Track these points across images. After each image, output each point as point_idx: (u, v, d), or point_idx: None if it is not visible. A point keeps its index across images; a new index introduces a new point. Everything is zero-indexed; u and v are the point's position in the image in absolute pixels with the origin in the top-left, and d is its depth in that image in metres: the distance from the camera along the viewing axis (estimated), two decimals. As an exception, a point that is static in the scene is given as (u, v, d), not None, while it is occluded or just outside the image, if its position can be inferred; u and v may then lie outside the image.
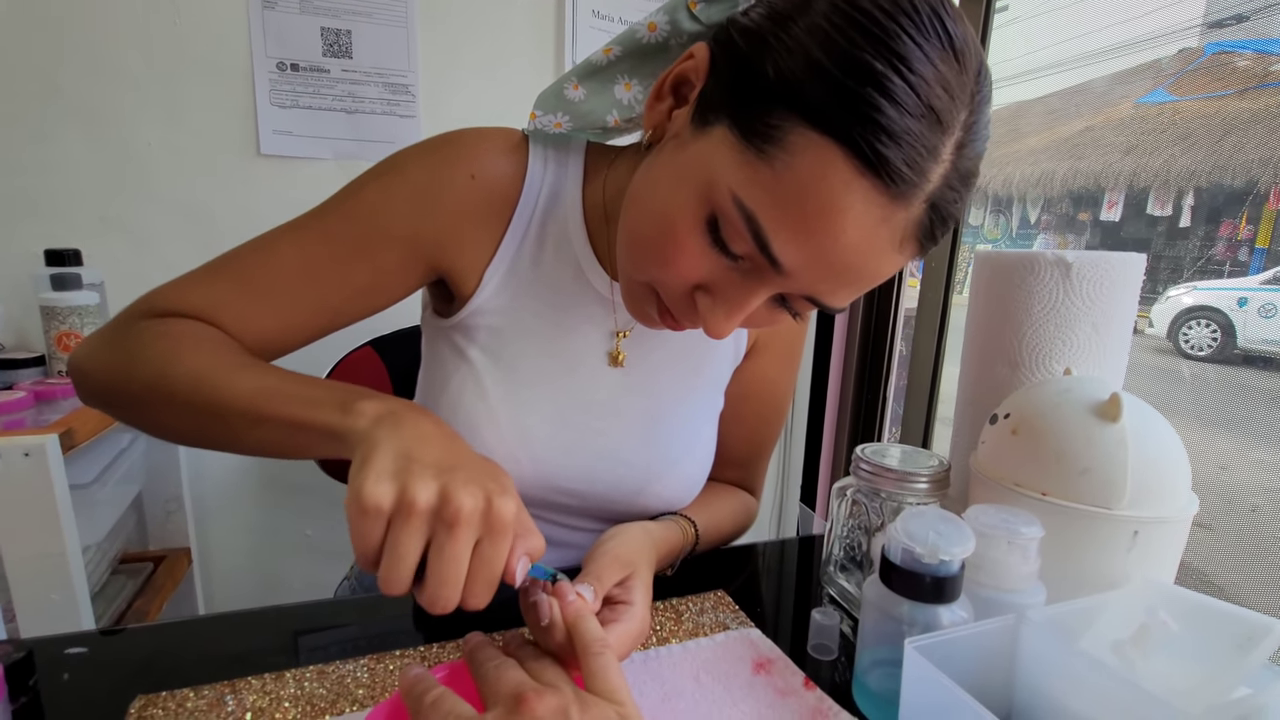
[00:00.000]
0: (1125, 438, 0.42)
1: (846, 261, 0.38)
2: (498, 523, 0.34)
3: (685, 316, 0.45)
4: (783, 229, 0.37)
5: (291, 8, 1.07)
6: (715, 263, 0.41)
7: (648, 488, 0.60)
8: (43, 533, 0.73)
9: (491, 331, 0.57)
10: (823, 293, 0.41)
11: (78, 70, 1.02)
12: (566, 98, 0.53)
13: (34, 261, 0.93)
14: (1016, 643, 0.39)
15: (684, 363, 0.62)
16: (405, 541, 0.32)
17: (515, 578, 0.35)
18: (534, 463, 0.57)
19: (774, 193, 0.36)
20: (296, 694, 0.43)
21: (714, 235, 0.40)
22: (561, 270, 0.57)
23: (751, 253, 0.39)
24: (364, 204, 0.53)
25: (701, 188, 0.39)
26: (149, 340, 0.47)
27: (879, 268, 0.39)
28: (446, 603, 0.33)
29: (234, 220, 1.13)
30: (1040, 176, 2.45)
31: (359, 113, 1.14)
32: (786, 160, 0.36)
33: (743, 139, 0.37)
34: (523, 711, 0.29)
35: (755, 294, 0.41)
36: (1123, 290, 0.52)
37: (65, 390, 0.85)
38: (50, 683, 0.44)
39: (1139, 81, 1.77)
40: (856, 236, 0.36)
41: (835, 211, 0.36)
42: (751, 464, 0.73)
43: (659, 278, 0.44)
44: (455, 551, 0.33)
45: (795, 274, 0.39)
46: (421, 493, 0.32)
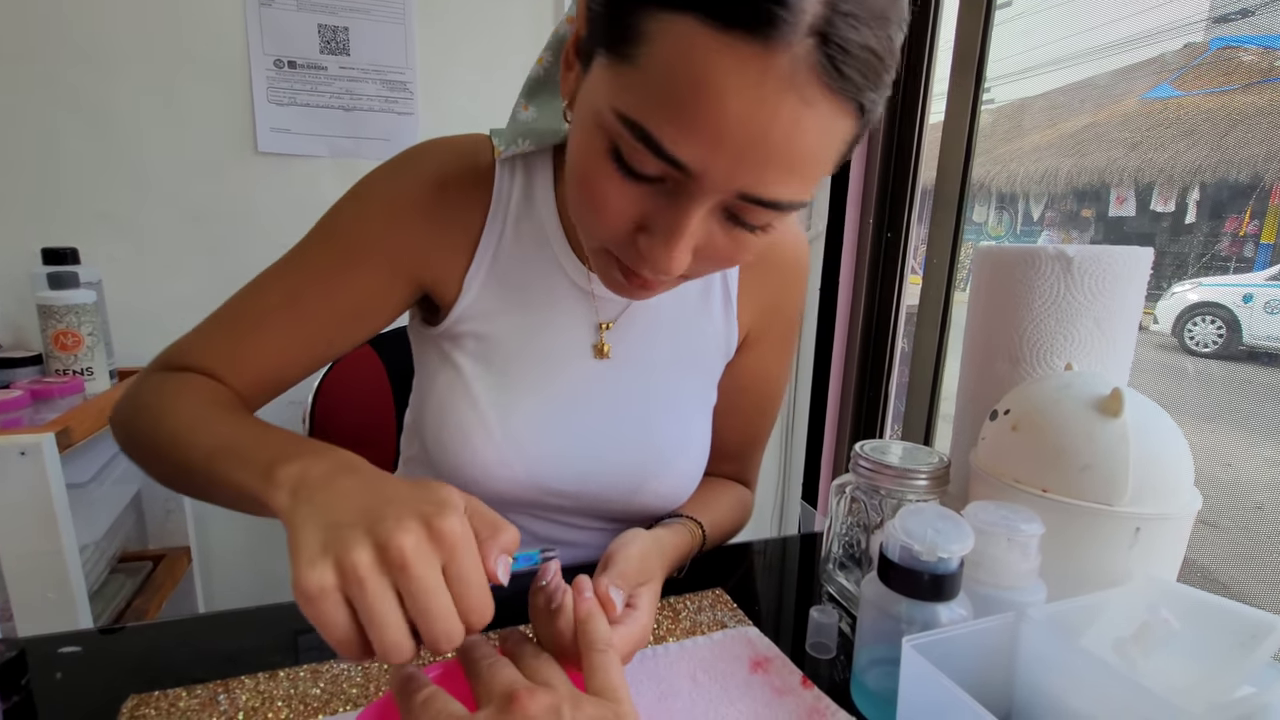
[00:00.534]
0: (1127, 433, 0.41)
1: (747, 136, 0.34)
2: (447, 541, 0.31)
3: (640, 264, 0.42)
4: (668, 125, 0.35)
5: (289, 5, 1.07)
6: (635, 193, 0.39)
7: (644, 485, 0.60)
8: (39, 531, 0.73)
9: (477, 337, 0.57)
10: (752, 185, 0.36)
11: (76, 68, 1.01)
12: (520, 120, 0.54)
13: (31, 260, 0.93)
14: (1016, 641, 0.39)
15: (671, 354, 0.61)
16: (374, 606, 0.29)
17: (498, 578, 0.33)
18: (527, 465, 0.57)
19: (647, 91, 0.35)
20: (290, 693, 0.43)
21: (620, 164, 0.38)
22: (540, 268, 0.57)
23: (659, 168, 0.37)
24: (339, 228, 0.54)
25: (595, 122, 0.38)
26: (148, 398, 0.50)
27: (790, 132, 0.34)
28: (450, 636, 0.31)
29: (232, 218, 1.12)
30: (1044, 173, 2.44)
31: (357, 110, 1.13)
32: (649, 53, 0.34)
33: (611, 55, 0.36)
34: (514, 710, 0.29)
35: (686, 213, 0.38)
36: (1127, 285, 0.51)
37: (62, 389, 0.85)
38: (43, 682, 0.44)
39: (1143, 77, 1.76)
40: (740, 103, 0.33)
41: (707, 84, 0.33)
42: (746, 457, 0.73)
43: (600, 234, 0.43)
44: (424, 589, 0.30)
45: (708, 171, 0.36)
46: (359, 555, 0.30)
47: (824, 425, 1.44)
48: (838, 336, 1.39)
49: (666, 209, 0.39)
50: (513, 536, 0.35)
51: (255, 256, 1.18)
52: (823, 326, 1.42)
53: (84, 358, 0.89)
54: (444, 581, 0.31)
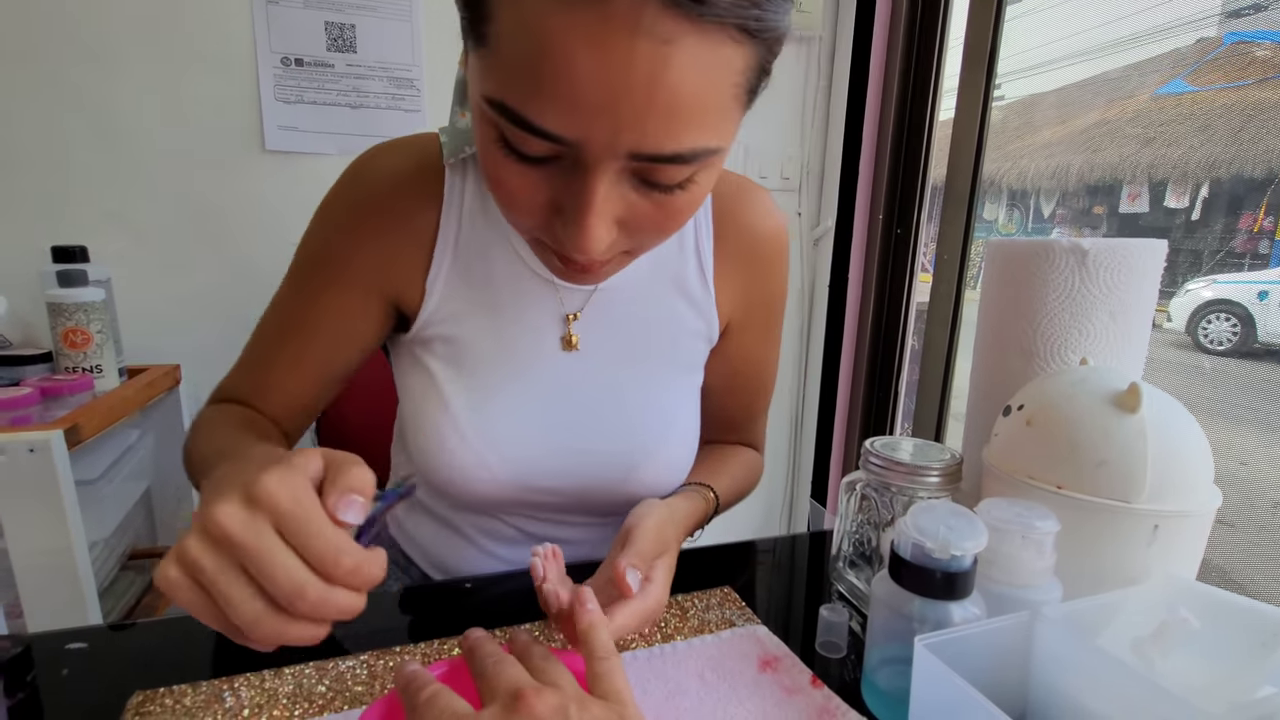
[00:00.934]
0: (1145, 429, 0.40)
1: (608, 93, 0.32)
2: (265, 502, 0.29)
3: (566, 249, 0.41)
4: (529, 99, 0.33)
5: (295, 3, 1.07)
6: (536, 177, 0.38)
7: (630, 475, 0.59)
8: (49, 529, 0.73)
9: (444, 340, 0.57)
10: (638, 142, 0.34)
11: (83, 67, 1.02)
12: (460, 128, 0.54)
13: (41, 258, 0.94)
14: (1031, 640, 0.38)
15: (644, 342, 0.60)
16: (217, 585, 0.28)
17: (339, 518, 0.30)
18: (506, 465, 0.56)
19: (503, 69, 0.34)
20: (295, 691, 0.43)
21: (509, 150, 0.37)
22: (501, 264, 0.56)
23: (543, 146, 0.35)
24: (309, 254, 0.57)
25: (479, 113, 0.38)
26: (192, 431, 0.56)
27: (653, 76, 0.32)
28: (300, 591, 0.28)
29: (240, 216, 1.13)
30: (1055, 169, 2.41)
31: (364, 107, 1.13)
32: (496, 31, 0.33)
33: (473, 40, 0.36)
34: (520, 709, 0.29)
35: (588, 187, 0.36)
36: (1142, 278, 0.50)
37: (71, 386, 0.85)
38: (49, 678, 0.44)
39: (1156, 72, 1.75)
40: (589, 60, 0.31)
41: (550, 49, 0.31)
42: (750, 426, 0.74)
43: (520, 224, 0.42)
44: (255, 555, 0.28)
45: (586, 139, 0.34)
46: (190, 542, 0.29)
47: (833, 423, 1.43)
48: (847, 334, 1.38)
49: (570, 187, 0.37)
50: (358, 476, 0.31)
51: (263, 254, 1.19)
52: (832, 324, 1.41)
53: (93, 355, 0.89)
54: (277, 541, 0.29)
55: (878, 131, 1.32)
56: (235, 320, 1.15)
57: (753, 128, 1.38)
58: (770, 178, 1.41)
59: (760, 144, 1.39)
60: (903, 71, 1.27)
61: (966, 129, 1.18)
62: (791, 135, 1.42)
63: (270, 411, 0.58)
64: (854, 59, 1.31)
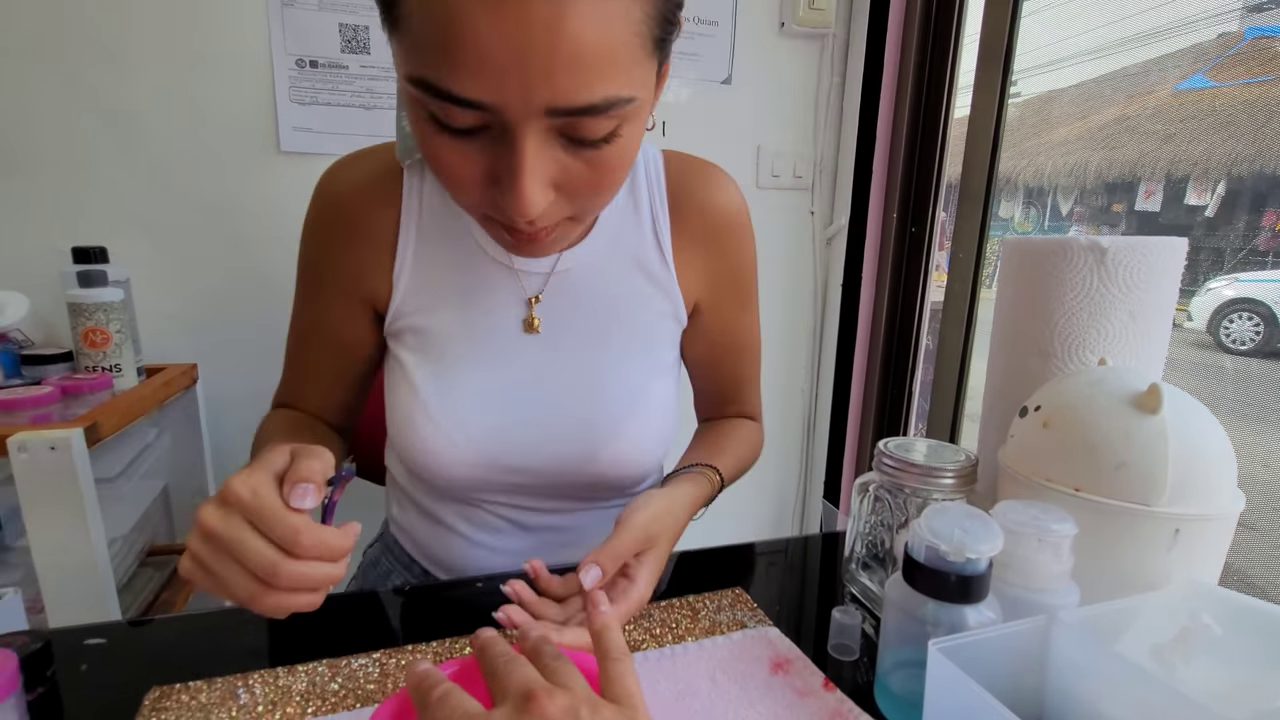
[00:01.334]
0: (1165, 430, 0.40)
1: (514, 51, 0.34)
2: (231, 499, 0.35)
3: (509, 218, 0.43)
4: (443, 69, 0.35)
5: (310, 5, 1.08)
6: (469, 150, 0.40)
7: (595, 454, 0.59)
8: (69, 525, 0.74)
9: (414, 331, 0.59)
10: (553, 97, 0.36)
11: (103, 70, 1.03)
12: (407, 131, 0.55)
13: (62, 259, 0.95)
14: (1048, 645, 0.37)
15: (606, 322, 0.61)
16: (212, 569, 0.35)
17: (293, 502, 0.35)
18: (473, 446, 0.57)
19: (416, 46, 0.36)
20: (308, 688, 0.43)
21: (439, 126, 0.39)
22: (461, 253, 0.58)
23: (466, 116, 0.37)
24: (301, 270, 0.62)
25: (406, 97, 0.40)
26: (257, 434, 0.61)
27: (552, 31, 0.34)
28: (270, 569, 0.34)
29: (255, 217, 1.14)
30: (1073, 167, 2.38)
31: (377, 108, 1.14)
32: (405, 12, 0.36)
33: (390, 28, 0.38)
34: (531, 710, 0.29)
35: (517, 150, 0.38)
36: (1162, 277, 0.50)
37: (91, 385, 0.86)
38: (68, 673, 0.44)
39: (1176, 68, 1.72)
40: (488, 24, 0.33)
41: (452, 20, 0.34)
42: (743, 397, 0.74)
43: (464, 200, 0.44)
44: (230, 543, 0.34)
45: (502, 99, 0.36)
46: (191, 541, 0.35)
47: (846, 423, 1.42)
48: (860, 333, 1.37)
49: (501, 154, 0.39)
50: (307, 467, 0.36)
51: (277, 254, 1.20)
52: (845, 323, 1.40)
53: (112, 354, 0.91)
54: (247, 530, 0.34)
55: (892, 129, 1.30)
56: (250, 320, 1.17)
57: (765, 126, 1.38)
58: (783, 176, 1.40)
59: (772, 142, 1.39)
60: (917, 68, 1.25)
61: (982, 126, 1.16)
62: (804, 133, 1.41)
63: (312, 411, 0.64)
64: (868, 55, 1.30)
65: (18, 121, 1.02)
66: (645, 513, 0.50)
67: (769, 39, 1.33)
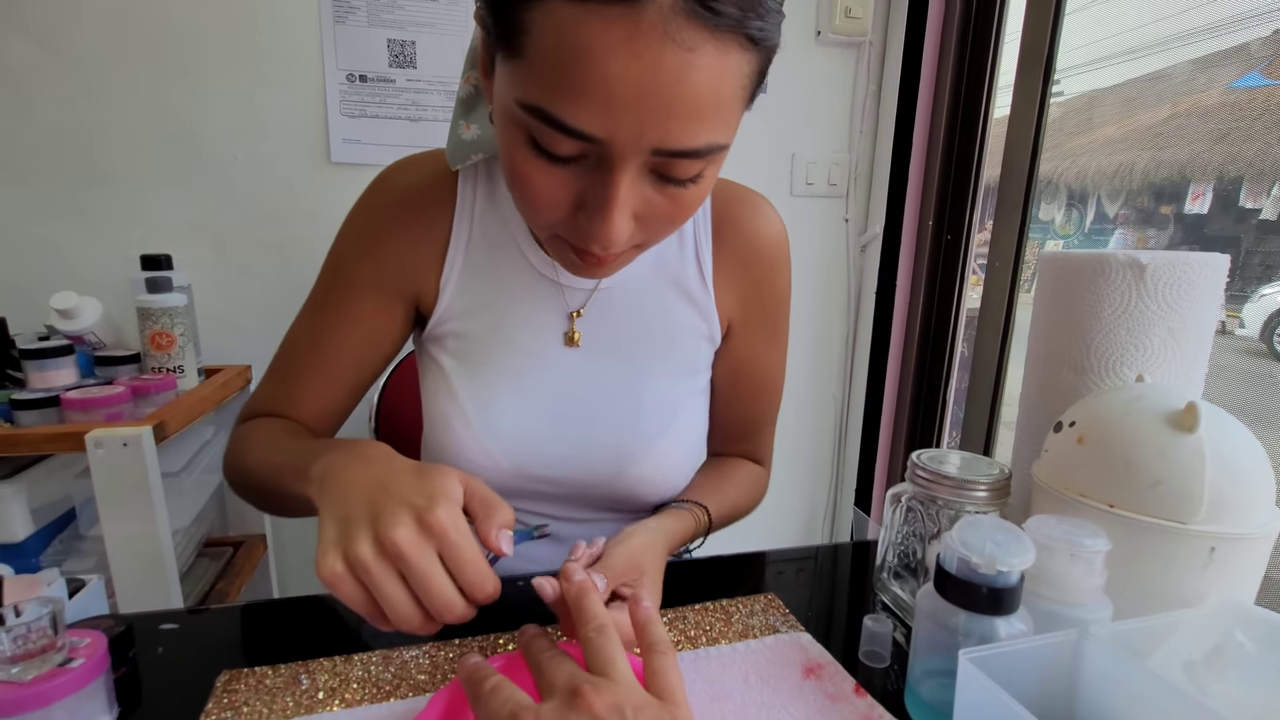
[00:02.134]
0: (1202, 449, 0.40)
1: (637, 94, 0.35)
2: (436, 530, 0.35)
3: (586, 242, 0.44)
4: (563, 101, 0.36)
5: (360, 21, 1.12)
6: (561, 177, 0.41)
7: (626, 470, 0.60)
8: (139, 517, 0.79)
9: (456, 336, 0.61)
10: (661, 139, 0.38)
11: (172, 88, 1.10)
12: (465, 140, 0.57)
13: (131, 265, 1.01)
14: (1079, 659, 0.38)
15: (645, 340, 0.62)
16: (380, 589, 0.35)
17: (500, 549, 0.37)
18: (507, 455, 0.59)
19: (538, 76, 0.37)
20: (364, 676, 0.46)
21: (540, 150, 0.40)
22: (508, 263, 0.60)
23: (573, 146, 0.39)
24: (336, 265, 0.61)
25: (508, 117, 0.40)
26: (234, 446, 0.60)
27: (676, 79, 0.35)
28: (452, 611, 0.35)
29: (307, 225, 1.19)
30: (1117, 168, 2.31)
31: (422, 120, 1.18)
32: (531, 41, 0.36)
33: (504, 52, 0.38)
34: (579, 706, 0.30)
35: (613, 182, 0.40)
36: (1203, 293, 0.49)
37: (157, 385, 0.91)
38: (146, 655, 0.48)
39: (1228, 65, 1.66)
40: (619, 64, 0.35)
41: (585, 55, 0.35)
42: (753, 437, 0.74)
43: (543, 221, 0.45)
44: (419, 573, 0.35)
45: (614, 136, 0.37)
46: (361, 549, 0.35)
47: (879, 431, 1.41)
48: (894, 340, 1.36)
49: (594, 183, 0.41)
50: (507, 515, 0.39)
51: (325, 261, 1.24)
52: (878, 330, 1.40)
53: (176, 356, 0.96)
54: (439, 565, 0.35)
55: (929, 134, 1.30)
56: (301, 323, 1.22)
57: (800, 135, 1.38)
58: (817, 183, 1.41)
59: (807, 150, 1.39)
60: (955, 72, 1.24)
61: (1021, 131, 1.15)
62: (839, 141, 1.41)
63: (305, 419, 0.62)
64: (905, 61, 1.29)
65: (94, 136, 1.09)
66: (625, 543, 0.49)
67: (805, 47, 1.34)
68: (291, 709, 0.43)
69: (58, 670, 0.37)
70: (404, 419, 1.02)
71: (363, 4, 1.11)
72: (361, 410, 0.90)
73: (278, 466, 0.51)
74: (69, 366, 0.89)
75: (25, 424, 0.81)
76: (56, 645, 0.37)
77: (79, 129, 1.08)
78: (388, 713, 0.42)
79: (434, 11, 1.14)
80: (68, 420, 0.82)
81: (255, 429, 0.59)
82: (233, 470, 0.59)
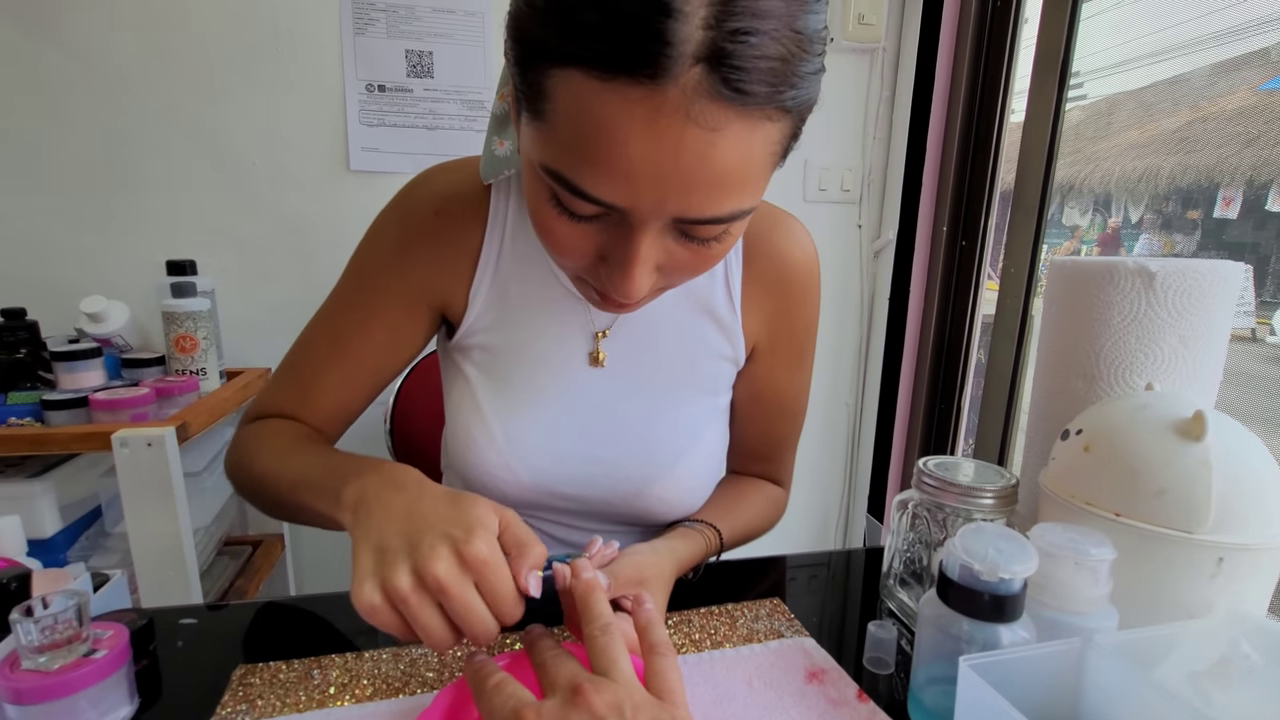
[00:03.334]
0: (1209, 458, 0.40)
1: (658, 171, 0.35)
2: (475, 565, 0.36)
3: (608, 290, 0.44)
4: (583, 172, 0.36)
5: (380, 33, 1.15)
6: (584, 231, 0.41)
7: (646, 490, 0.61)
8: (162, 515, 0.81)
9: (483, 348, 0.61)
10: (683, 210, 0.37)
11: (198, 98, 1.13)
12: (499, 156, 0.57)
13: (157, 271, 1.04)
14: (1082, 668, 0.38)
15: (670, 361, 0.62)
16: (419, 619, 0.36)
17: (530, 591, 0.38)
18: (528, 469, 0.59)
19: (558, 144, 0.36)
20: (374, 672, 0.47)
21: (561, 208, 0.40)
22: (537, 280, 0.59)
23: (593, 209, 0.38)
24: (361, 271, 0.61)
25: (532, 174, 0.40)
26: (242, 445, 0.59)
27: (699, 158, 0.35)
28: (486, 635, 0.36)
29: (326, 232, 1.22)
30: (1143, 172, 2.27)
31: (439, 129, 1.20)
32: (553, 109, 0.36)
33: (528, 112, 0.38)
34: (579, 704, 0.31)
35: (634, 243, 0.40)
36: (1215, 301, 0.49)
37: (181, 387, 0.94)
38: (166, 648, 0.50)
39: (1252, 68, 1.63)
40: (641, 144, 0.34)
41: (605, 132, 0.34)
42: (773, 458, 0.73)
43: (567, 265, 0.45)
44: (459, 606, 0.35)
45: (635, 206, 0.37)
46: (400, 581, 0.35)
47: (891, 438, 1.40)
48: (907, 347, 1.35)
49: (616, 240, 0.41)
50: (540, 554, 0.39)
51: (344, 266, 1.27)
52: (892, 337, 1.39)
53: (199, 359, 0.99)
54: (478, 597, 0.36)
55: (943, 140, 1.29)
56: (320, 327, 1.25)
57: (813, 142, 1.38)
58: (830, 189, 1.41)
59: (820, 157, 1.39)
60: (970, 76, 1.24)
61: (1037, 136, 1.14)
62: (853, 148, 1.41)
63: (315, 421, 0.61)
64: (919, 67, 1.29)
65: (123, 145, 1.12)
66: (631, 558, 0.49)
67: (818, 53, 1.34)
68: (304, 703, 0.44)
69: (82, 660, 0.38)
70: (417, 425, 1.03)
71: (382, 16, 1.14)
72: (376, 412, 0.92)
73: (295, 479, 0.51)
74: (97, 368, 0.92)
75: (55, 424, 0.83)
76: (82, 636, 0.39)
77: (109, 139, 1.11)
78: (397, 708, 0.43)
79: (451, 23, 1.16)
80: (95, 420, 0.85)
81: (264, 432, 0.59)
82: (238, 472, 0.59)
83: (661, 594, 0.50)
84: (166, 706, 0.44)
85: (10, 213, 1.11)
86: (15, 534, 0.51)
